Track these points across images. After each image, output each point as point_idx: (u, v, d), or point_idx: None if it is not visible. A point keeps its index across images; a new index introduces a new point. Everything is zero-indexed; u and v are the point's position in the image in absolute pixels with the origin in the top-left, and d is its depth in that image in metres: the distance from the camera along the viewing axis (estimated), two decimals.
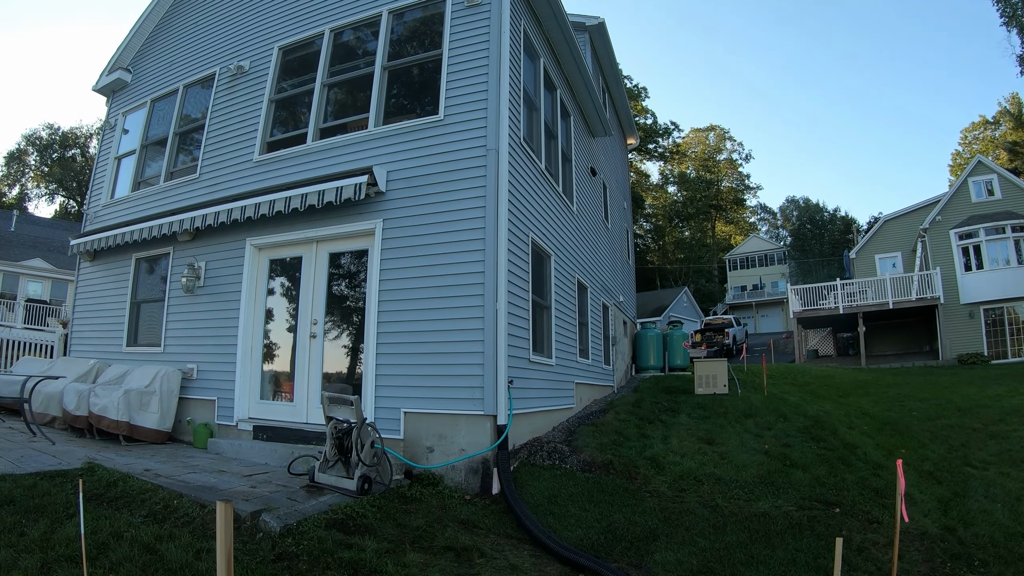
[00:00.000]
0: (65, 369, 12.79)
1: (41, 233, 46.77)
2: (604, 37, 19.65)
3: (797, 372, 22.80)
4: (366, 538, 6.29)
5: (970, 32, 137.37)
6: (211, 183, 12.49)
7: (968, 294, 30.57)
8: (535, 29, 12.29)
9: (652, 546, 7.40)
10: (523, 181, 10.75)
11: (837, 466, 10.11)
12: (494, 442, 8.88)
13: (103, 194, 15.15)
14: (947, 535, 8.02)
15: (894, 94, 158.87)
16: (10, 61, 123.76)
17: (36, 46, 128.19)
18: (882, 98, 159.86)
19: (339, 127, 11.40)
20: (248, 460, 9.88)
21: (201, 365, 11.69)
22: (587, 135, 17.40)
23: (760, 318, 78.27)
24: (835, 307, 32.64)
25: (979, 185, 32.50)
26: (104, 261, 14.32)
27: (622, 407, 13.90)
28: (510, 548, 6.97)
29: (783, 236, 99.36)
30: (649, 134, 76.28)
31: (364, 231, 10.38)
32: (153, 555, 5.34)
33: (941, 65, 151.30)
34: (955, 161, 76.60)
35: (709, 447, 11.07)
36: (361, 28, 11.80)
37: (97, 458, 8.65)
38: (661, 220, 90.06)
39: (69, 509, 6.14)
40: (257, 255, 11.56)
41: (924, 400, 16.38)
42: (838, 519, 8.20)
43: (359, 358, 10.28)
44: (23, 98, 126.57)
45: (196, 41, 14.25)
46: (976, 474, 10.36)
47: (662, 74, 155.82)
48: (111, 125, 15.81)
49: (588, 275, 15.98)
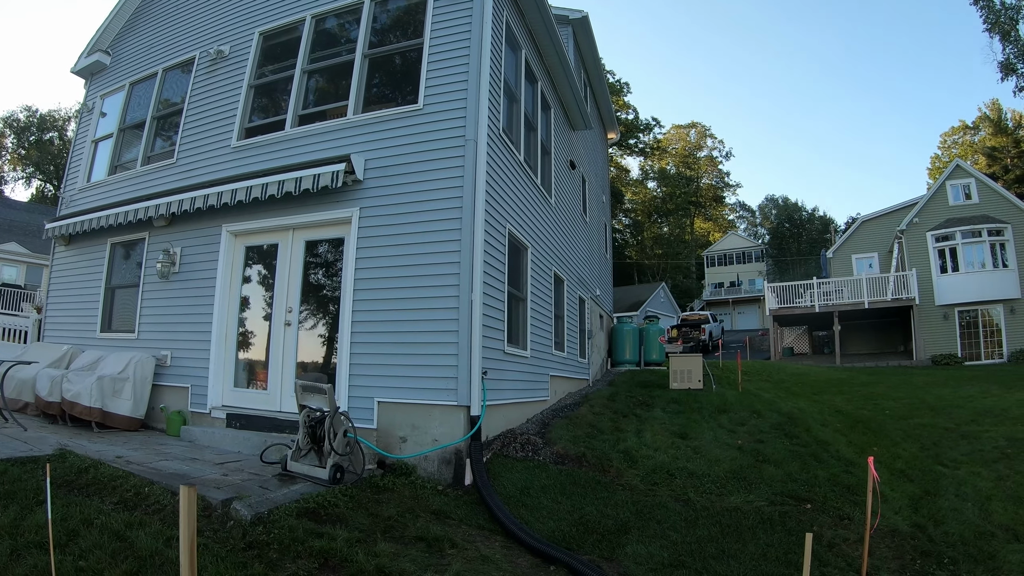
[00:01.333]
0: (38, 354, 12.68)
1: (17, 217, 46.28)
2: (587, 31, 19.63)
3: (772, 369, 22.92)
4: (337, 527, 6.27)
5: (953, 38, 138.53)
6: (188, 168, 12.39)
7: (943, 296, 30.89)
8: (517, 20, 12.27)
9: (624, 539, 7.42)
10: (501, 172, 10.74)
11: (809, 463, 10.16)
12: (467, 433, 8.88)
13: (79, 178, 15.00)
14: (918, 532, 8.07)
15: (875, 97, 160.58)
16: None
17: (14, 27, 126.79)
18: (863, 101, 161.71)
19: (318, 114, 11.34)
20: (221, 448, 9.83)
21: (175, 352, 11.61)
22: (567, 128, 17.39)
23: (737, 315, 78.68)
24: (811, 306, 32.90)
25: (957, 189, 32.79)
26: (79, 246, 14.18)
27: (597, 400, 13.92)
28: (482, 539, 6.97)
29: (761, 234, 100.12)
30: (630, 129, 76.38)
31: (341, 219, 10.33)
32: (123, 542, 5.31)
33: (922, 70, 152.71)
34: (934, 164, 77.13)
35: (682, 442, 11.10)
36: (343, 15, 11.73)
37: (69, 444, 8.59)
38: (640, 215, 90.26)
39: (40, 496, 6.07)
40: (233, 242, 11.49)
41: (897, 399, 16.51)
42: (809, 515, 8.25)
43: (334, 347, 10.24)
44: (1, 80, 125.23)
45: (176, 24, 14.10)
46: (947, 473, 10.44)
47: (645, 70, 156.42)
48: (89, 108, 15.64)
49: (565, 268, 16.00)
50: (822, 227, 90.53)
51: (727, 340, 45.21)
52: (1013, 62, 27.92)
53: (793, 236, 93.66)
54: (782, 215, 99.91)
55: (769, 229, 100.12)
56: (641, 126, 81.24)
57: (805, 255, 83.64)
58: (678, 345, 32.31)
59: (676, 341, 34.65)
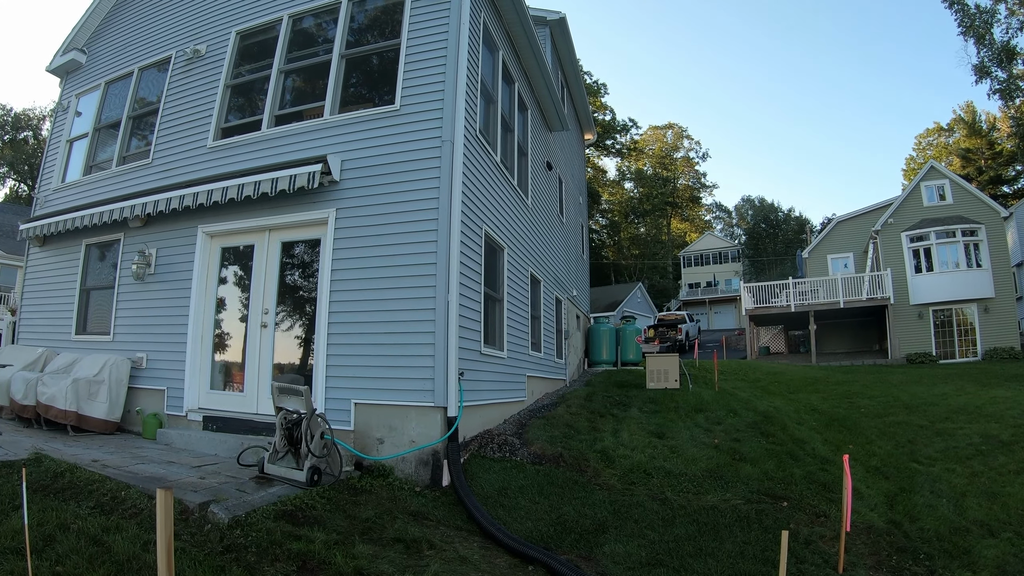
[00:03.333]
0: (12, 357, 12.55)
1: None
2: (565, 32, 19.68)
3: (748, 368, 23.03)
4: (315, 529, 6.26)
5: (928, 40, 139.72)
6: (164, 168, 12.30)
7: (918, 295, 31.17)
8: (495, 21, 12.28)
9: (602, 538, 7.46)
10: (477, 173, 10.75)
11: (786, 461, 10.24)
12: (444, 434, 8.88)
13: (54, 178, 14.86)
14: (893, 529, 8.18)
15: (851, 100, 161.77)
16: None
17: None
18: (839, 103, 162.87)
19: (295, 114, 11.30)
20: (198, 451, 9.77)
21: (151, 354, 11.53)
22: (544, 129, 17.42)
23: (713, 315, 79.00)
24: (787, 305, 33.07)
25: (931, 190, 33.06)
26: (54, 247, 14.05)
27: (574, 400, 13.96)
28: (460, 540, 6.98)
29: (738, 235, 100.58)
30: (607, 130, 76.50)
31: (317, 220, 10.31)
32: (100, 547, 5.28)
33: (897, 72, 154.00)
34: (909, 166, 77.76)
35: (659, 441, 11.15)
36: (321, 14, 11.70)
37: (44, 448, 8.52)
38: (617, 216, 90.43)
39: (15, 500, 6.03)
40: (209, 242, 11.43)
41: (873, 397, 16.63)
42: (786, 513, 8.32)
43: (311, 348, 10.21)
44: None
45: (153, 23, 14.00)
46: (922, 470, 10.55)
47: (622, 71, 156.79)
48: (64, 107, 15.50)
49: (542, 269, 16.03)
50: (798, 227, 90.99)
51: (704, 340, 45.41)
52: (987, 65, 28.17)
53: (769, 236, 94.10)
54: (758, 215, 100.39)
55: (745, 229, 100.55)
56: (618, 127, 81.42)
57: (781, 255, 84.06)
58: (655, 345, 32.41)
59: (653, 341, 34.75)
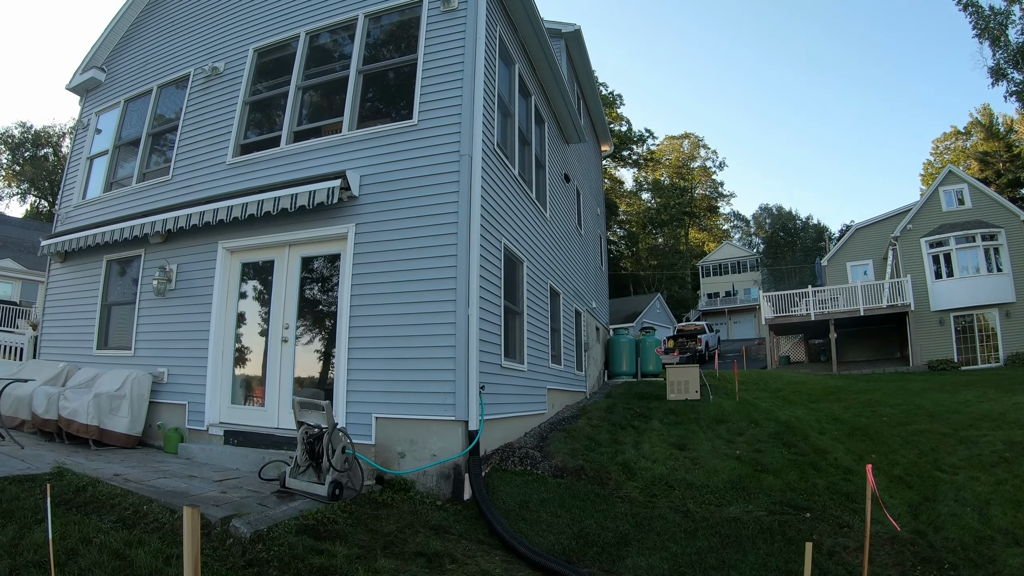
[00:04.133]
0: (35, 372, 12.63)
1: (12, 233, 46.19)
2: (580, 44, 19.73)
3: (769, 378, 22.93)
4: (337, 544, 6.26)
5: (943, 43, 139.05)
6: (184, 185, 12.40)
7: (938, 301, 30.92)
8: (511, 35, 12.32)
9: (624, 551, 7.43)
10: (496, 187, 10.76)
11: (808, 471, 10.18)
12: (465, 447, 8.87)
13: (75, 194, 15.00)
14: (917, 539, 8.09)
15: (867, 104, 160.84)
16: None
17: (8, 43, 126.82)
18: (855, 108, 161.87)
19: (313, 130, 11.37)
20: (219, 465, 9.80)
21: (172, 369, 11.59)
22: (561, 141, 17.44)
23: (733, 324, 78.56)
24: (807, 314, 32.89)
25: (950, 194, 32.87)
26: (75, 262, 14.17)
27: (594, 413, 13.92)
28: (482, 554, 6.97)
29: (756, 243, 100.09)
30: (624, 141, 76.57)
31: (337, 235, 10.34)
32: (122, 561, 5.29)
33: (914, 76, 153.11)
34: (927, 171, 77.17)
35: (681, 452, 11.10)
36: (337, 31, 11.77)
37: (66, 462, 8.55)
38: (635, 227, 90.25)
39: (38, 514, 6.05)
40: (229, 258, 11.49)
41: (895, 406, 16.51)
42: (809, 524, 8.26)
43: (331, 363, 10.24)
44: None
45: (171, 41, 14.15)
46: (946, 478, 10.46)
47: (637, 82, 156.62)
48: (84, 125, 15.66)
49: (561, 281, 16.01)
50: (816, 235, 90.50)
51: (723, 350, 45.24)
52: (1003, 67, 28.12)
53: (788, 245, 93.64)
54: (776, 224, 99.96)
55: (764, 238, 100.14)
56: (634, 138, 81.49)
57: (800, 263, 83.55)
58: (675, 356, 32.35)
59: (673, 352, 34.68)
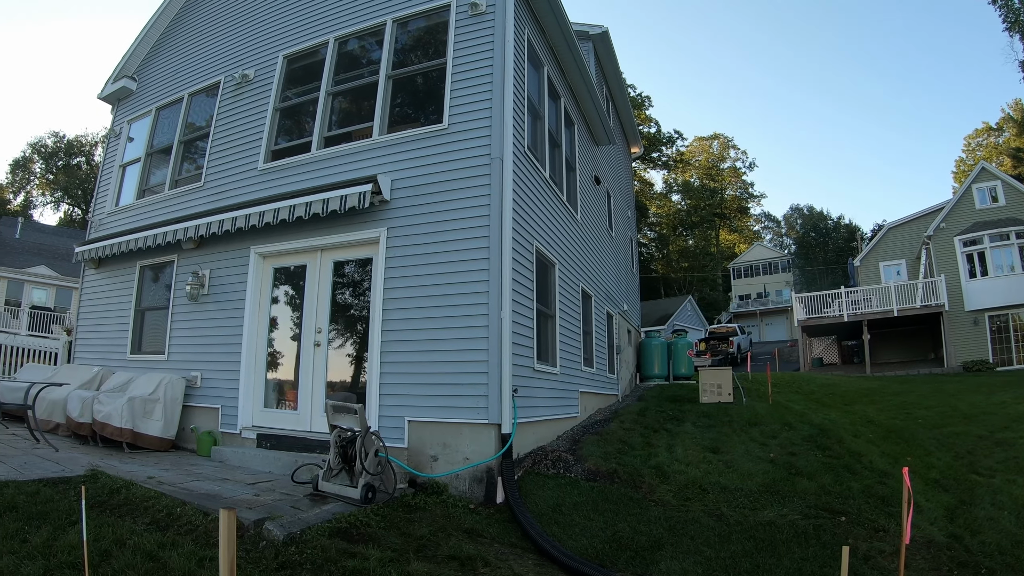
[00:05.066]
0: (69, 376, 12.79)
1: (46, 240, 46.88)
2: (608, 46, 19.71)
3: (802, 380, 22.71)
4: (370, 547, 6.26)
5: (972, 38, 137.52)
6: (216, 191, 12.51)
7: (973, 301, 30.49)
8: (539, 38, 12.31)
9: (657, 555, 7.38)
10: (527, 190, 10.75)
11: (843, 474, 10.07)
12: (498, 451, 8.86)
13: (108, 202, 15.18)
14: (954, 543, 7.97)
15: (898, 101, 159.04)
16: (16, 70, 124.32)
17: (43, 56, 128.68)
18: (886, 106, 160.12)
19: (344, 136, 11.42)
20: (252, 468, 9.86)
21: (205, 373, 11.69)
22: (591, 144, 17.40)
23: (765, 326, 78.06)
24: (840, 315, 32.55)
25: (983, 192, 32.46)
26: (109, 268, 14.34)
27: (627, 416, 13.87)
28: (514, 557, 6.95)
29: (787, 244, 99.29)
30: (653, 143, 76.34)
31: (368, 240, 10.38)
32: (156, 563, 5.32)
33: (944, 71, 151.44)
34: (959, 168, 76.36)
35: (714, 456, 11.03)
36: (365, 37, 11.83)
37: (100, 465, 8.64)
38: (665, 229, 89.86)
39: (72, 516, 6.12)
40: (262, 263, 11.57)
41: (929, 408, 16.32)
42: (844, 528, 8.16)
43: (363, 366, 10.28)
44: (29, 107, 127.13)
45: (201, 50, 14.30)
46: (982, 481, 10.31)
47: (666, 83, 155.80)
48: (116, 133, 15.85)
49: (593, 284, 15.98)
50: (848, 235, 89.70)
51: (756, 352, 44.89)
52: None
53: (819, 245, 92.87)
54: (807, 224, 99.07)
55: (795, 239, 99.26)
56: (664, 139, 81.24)
57: (832, 264, 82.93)
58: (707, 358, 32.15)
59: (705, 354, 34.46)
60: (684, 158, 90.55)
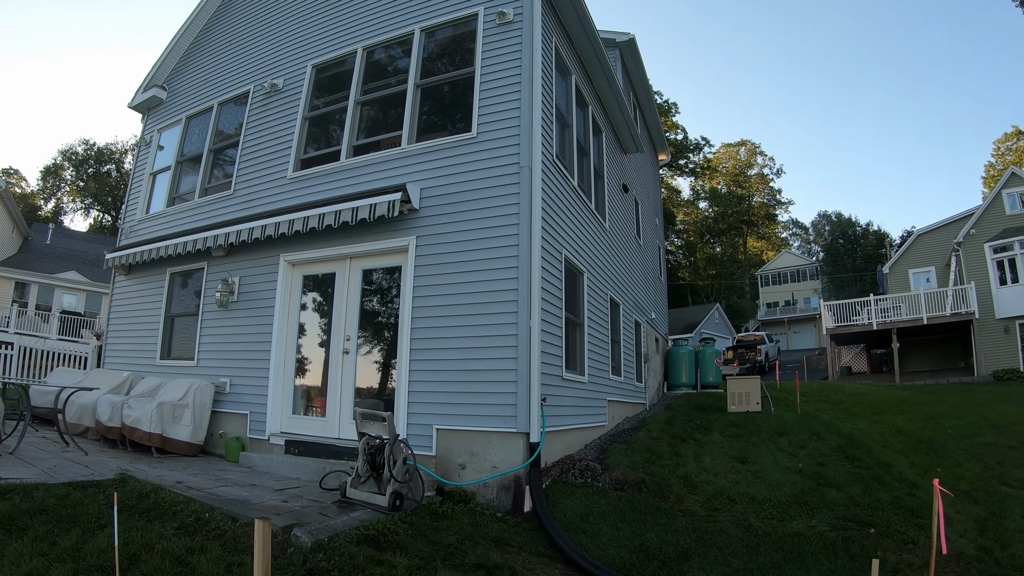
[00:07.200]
0: (99, 381, 12.92)
1: (76, 246, 47.40)
2: (634, 53, 19.70)
3: (830, 389, 22.57)
4: (397, 554, 6.27)
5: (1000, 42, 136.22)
6: (245, 199, 12.61)
7: (1003, 309, 30.03)
8: (566, 46, 12.32)
9: (685, 566, 7.34)
10: (556, 198, 10.75)
11: (872, 485, 9.99)
12: (526, 460, 8.84)
13: (138, 209, 15.34)
14: (984, 556, 7.90)
15: (926, 106, 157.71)
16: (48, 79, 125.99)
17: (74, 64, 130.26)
18: (914, 111, 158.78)
19: (372, 144, 11.47)
20: (279, 474, 9.92)
21: (234, 379, 11.77)
22: (618, 151, 17.39)
23: (792, 334, 77.44)
24: (868, 323, 32.25)
25: (1013, 197, 32.03)
26: (139, 275, 14.49)
27: (654, 425, 13.82)
28: (541, 566, 6.94)
29: (815, 251, 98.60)
30: (680, 150, 76.06)
31: (397, 248, 10.42)
32: (184, 567, 5.35)
33: (973, 76, 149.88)
34: (988, 173, 75.33)
35: (742, 466, 10.97)
36: (393, 46, 11.88)
37: (129, 469, 8.72)
38: (692, 236, 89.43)
39: (101, 519, 6.18)
40: (291, 271, 11.65)
41: (959, 418, 16.17)
42: (873, 539, 8.09)
43: (391, 374, 10.31)
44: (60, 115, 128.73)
45: (230, 59, 14.45)
46: (1013, 493, 10.22)
47: (692, 89, 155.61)
48: (146, 141, 16.02)
49: (621, 292, 15.95)
50: (877, 242, 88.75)
51: (783, 360, 44.59)
52: None
53: (847, 252, 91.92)
54: (835, 231, 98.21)
55: (823, 246, 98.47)
56: (691, 146, 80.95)
57: (860, 271, 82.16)
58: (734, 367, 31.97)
59: (732, 363, 34.27)
60: (711, 165, 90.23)
